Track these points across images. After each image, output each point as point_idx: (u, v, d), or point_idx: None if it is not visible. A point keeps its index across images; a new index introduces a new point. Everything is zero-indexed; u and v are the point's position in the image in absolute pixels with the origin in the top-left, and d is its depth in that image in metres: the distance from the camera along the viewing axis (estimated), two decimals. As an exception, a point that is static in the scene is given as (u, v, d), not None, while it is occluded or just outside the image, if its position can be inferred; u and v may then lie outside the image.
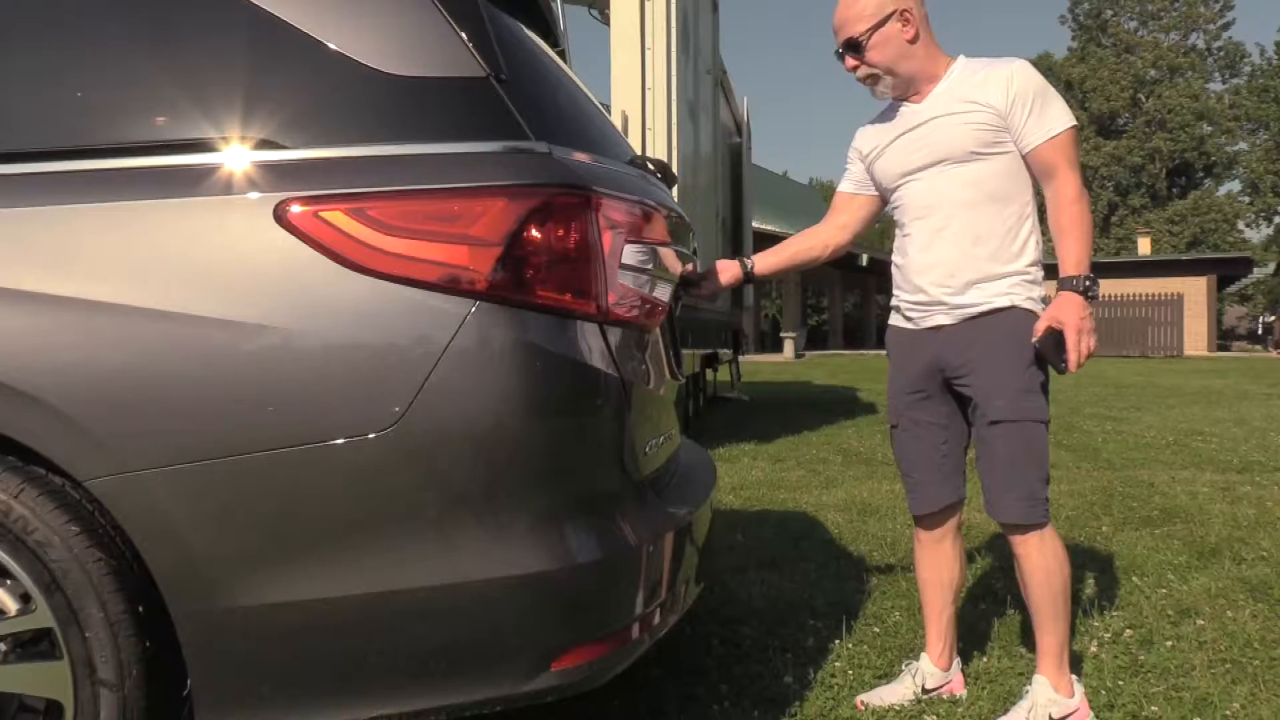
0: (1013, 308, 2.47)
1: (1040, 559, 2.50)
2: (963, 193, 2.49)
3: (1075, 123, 2.47)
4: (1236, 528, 4.69)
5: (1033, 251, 2.50)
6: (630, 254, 1.95)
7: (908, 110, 2.57)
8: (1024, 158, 2.46)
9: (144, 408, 1.65)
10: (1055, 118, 2.43)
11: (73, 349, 1.66)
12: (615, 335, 1.89)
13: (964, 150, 2.47)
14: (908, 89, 2.56)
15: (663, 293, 2.20)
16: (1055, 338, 2.38)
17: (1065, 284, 2.38)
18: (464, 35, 1.80)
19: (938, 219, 2.52)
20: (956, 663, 2.75)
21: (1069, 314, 2.36)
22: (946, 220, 2.51)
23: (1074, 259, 2.39)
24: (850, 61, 2.56)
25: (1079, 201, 2.42)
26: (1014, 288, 2.47)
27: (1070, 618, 2.55)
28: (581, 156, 1.88)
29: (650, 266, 2.07)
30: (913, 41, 2.50)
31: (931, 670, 2.70)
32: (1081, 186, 2.46)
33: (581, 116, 2.24)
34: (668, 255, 2.21)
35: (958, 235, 2.50)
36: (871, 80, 2.57)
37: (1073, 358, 2.36)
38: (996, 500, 2.51)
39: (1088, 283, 2.37)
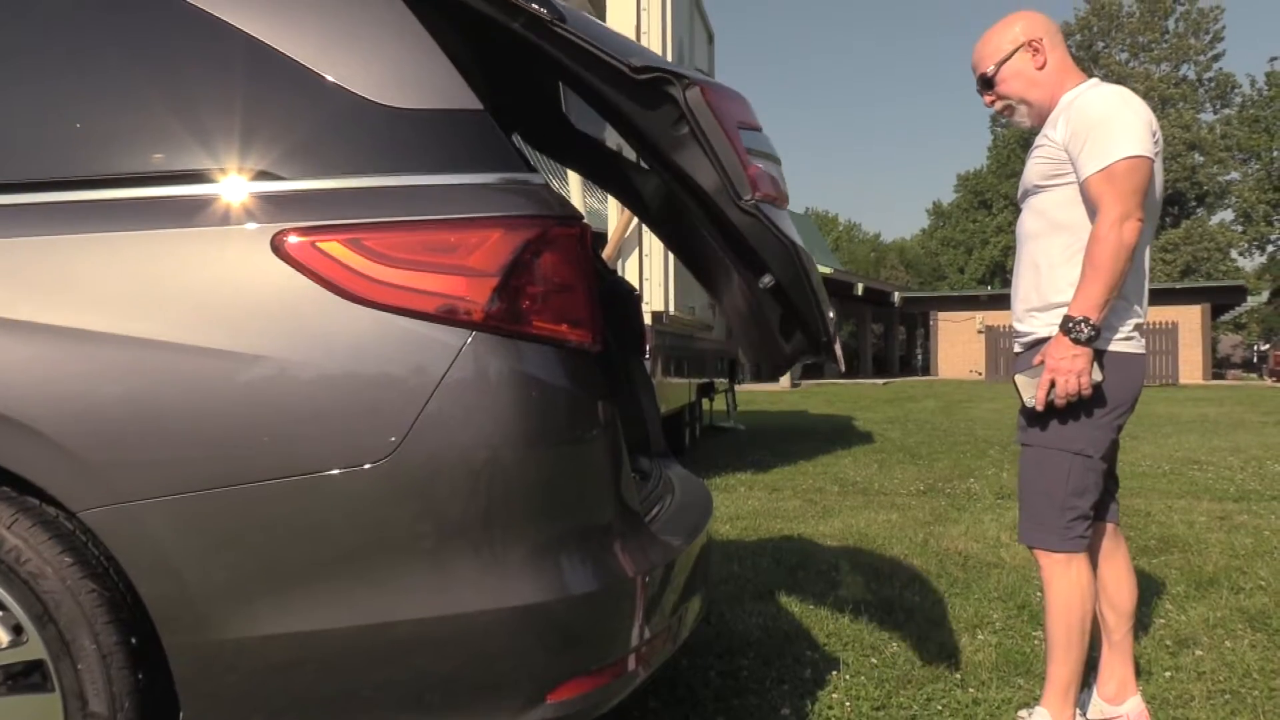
0: (1050, 338, 2.45)
1: (1059, 588, 2.50)
2: (1033, 223, 2.55)
3: (1136, 153, 2.34)
4: (1234, 557, 4.68)
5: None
6: (749, 139, 2.02)
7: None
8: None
9: (139, 438, 1.65)
10: (1109, 149, 2.34)
11: (68, 379, 1.66)
12: (773, 214, 1.99)
13: (1031, 184, 2.55)
14: (1041, 116, 2.60)
15: (776, 172, 2.25)
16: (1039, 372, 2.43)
17: (1060, 324, 2.38)
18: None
19: (1019, 249, 2.62)
20: (1132, 700, 2.69)
21: (1050, 353, 2.39)
22: (1022, 251, 2.60)
23: (1078, 300, 2.36)
24: (986, 97, 2.66)
25: (1101, 241, 2.32)
26: (1059, 317, 2.43)
27: (1084, 654, 2.52)
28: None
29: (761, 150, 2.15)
30: (1042, 69, 2.55)
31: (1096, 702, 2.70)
32: (1115, 223, 2.31)
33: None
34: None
35: (1025, 265, 2.57)
36: (1008, 111, 2.65)
37: (1040, 395, 2.40)
38: (1019, 521, 2.61)
39: (1075, 325, 2.33)
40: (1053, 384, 2.38)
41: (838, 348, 2.29)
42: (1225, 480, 7.43)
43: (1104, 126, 2.37)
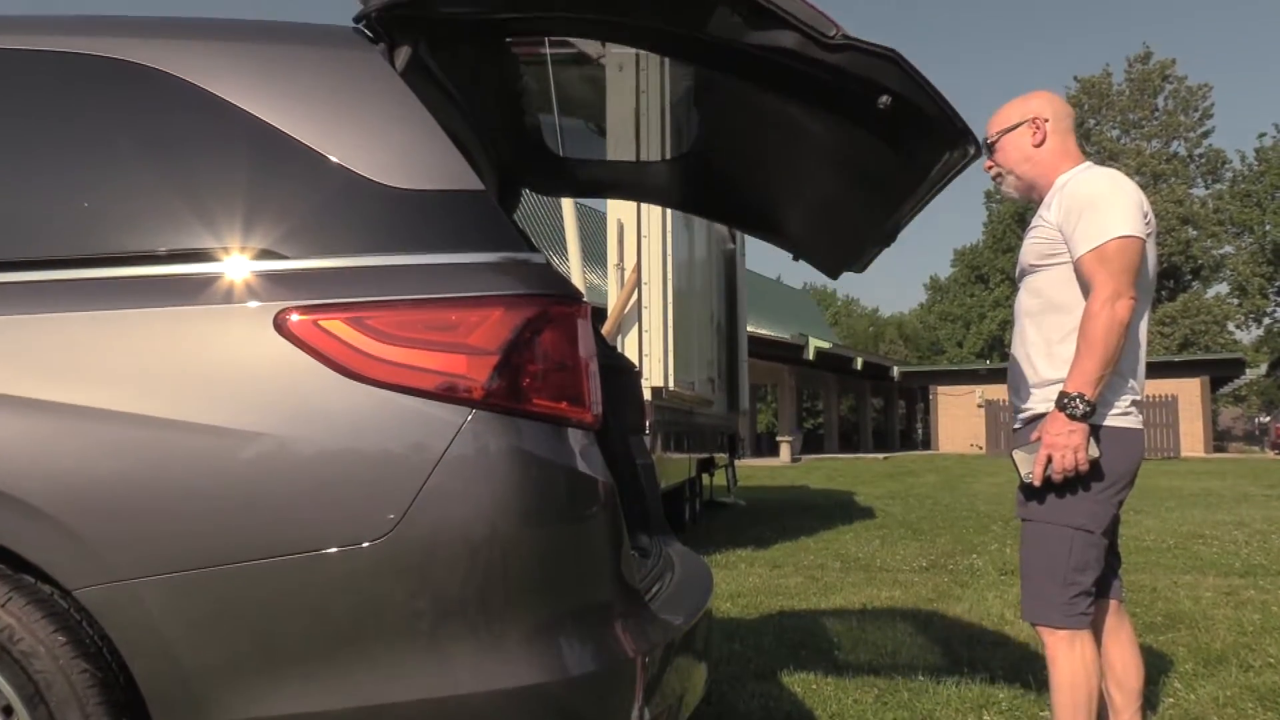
0: (1048, 414, 2.48)
1: (1063, 666, 2.48)
2: (1030, 301, 2.61)
3: (1127, 233, 2.40)
4: (1242, 633, 4.62)
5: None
6: None
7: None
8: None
9: (137, 515, 1.64)
10: (1099, 228, 2.41)
11: (68, 455, 1.66)
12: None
13: (1028, 263, 2.62)
14: (1030, 192, 2.69)
15: None
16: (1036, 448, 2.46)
17: (1056, 400, 2.42)
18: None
19: (1016, 326, 2.67)
20: None
21: (1047, 429, 2.42)
22: (1019, 329, 2.65)
23: (1073, 376, 2.40)
24: (986, 162, 2.75)
25: (1094, 317, 2.37)
26: (1056, 393, 2.46)
27: None
28: None
29: None
30: (1038, 146, 2.64)
31: None
32: (1108, 301, 2.37)
33: None
34: None
35: (1021, 342, 2.63)
36: (998, 179, 2.76)
37: (1038, 470, 2.43)
38: (1021, 598, 2.61)
39: (1070, 401, 2.37)
40: (1050, 459, 2.40)
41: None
42: (1231, 555, 7.37)
43: (1096, 207, 2.44)
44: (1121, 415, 2.49)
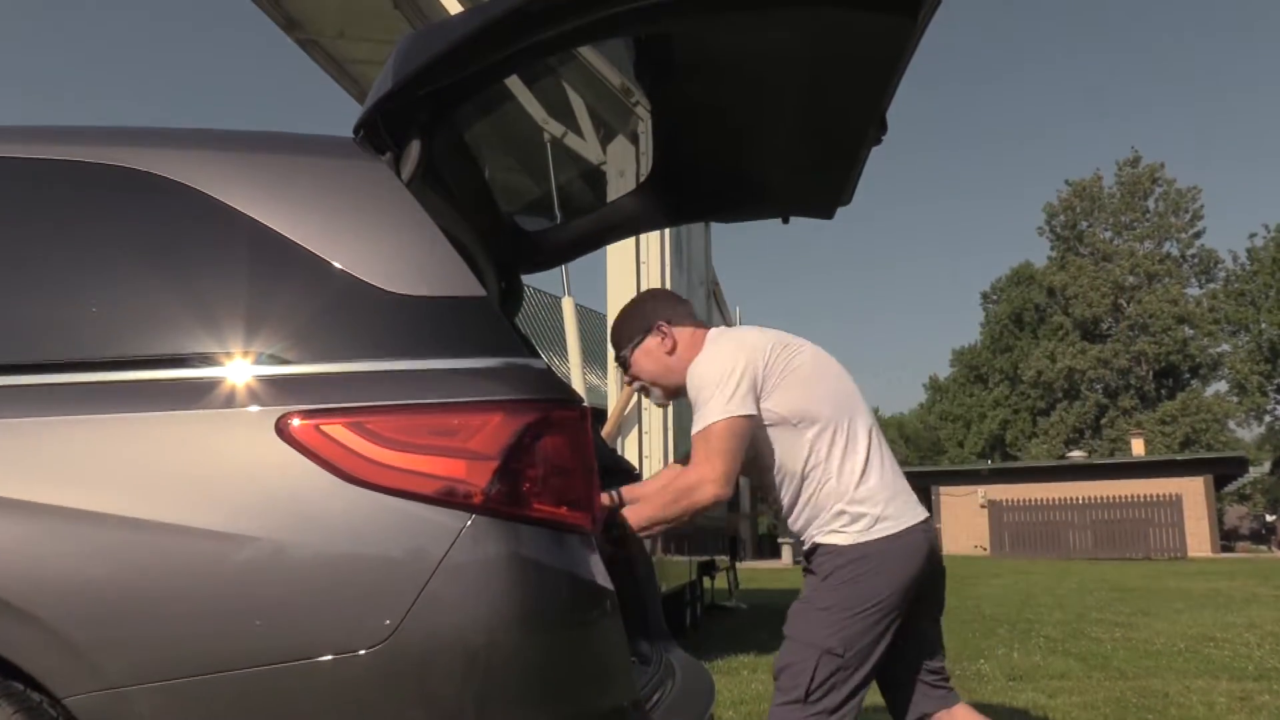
0: (815, 545, 2.56)
1: None
2: (759, 477, 2.68)
3: (719, 417, 2.46)
4: (1258, 741, 4.50)
5: (829, 498, 2.53)
6: None
7: None
8: None
9: (131, 621, 1.62)
10: (702, 417, 2.48)
11: (64, 559, 1.65)
12: None
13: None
14: (679, 395, 2.69)
15: None
16: None
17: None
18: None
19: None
20: None
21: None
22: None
23: (633, 512, 2.50)
24: (625, 376, 2.81)
25: (681, 478, 2.51)
26: (815, 529, 2.56)
27: None
28: None
29: None
30: (671, 353, 2.66)
31: None
32: (696, 483, 2.47)
33: None
34: None
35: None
36: (644, 391, 2.78)
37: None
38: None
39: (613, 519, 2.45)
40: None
41: None
42: (1243, 658, 7.22)
43: (700, 398, 2.50)
44: (862, 532, 2.48)
